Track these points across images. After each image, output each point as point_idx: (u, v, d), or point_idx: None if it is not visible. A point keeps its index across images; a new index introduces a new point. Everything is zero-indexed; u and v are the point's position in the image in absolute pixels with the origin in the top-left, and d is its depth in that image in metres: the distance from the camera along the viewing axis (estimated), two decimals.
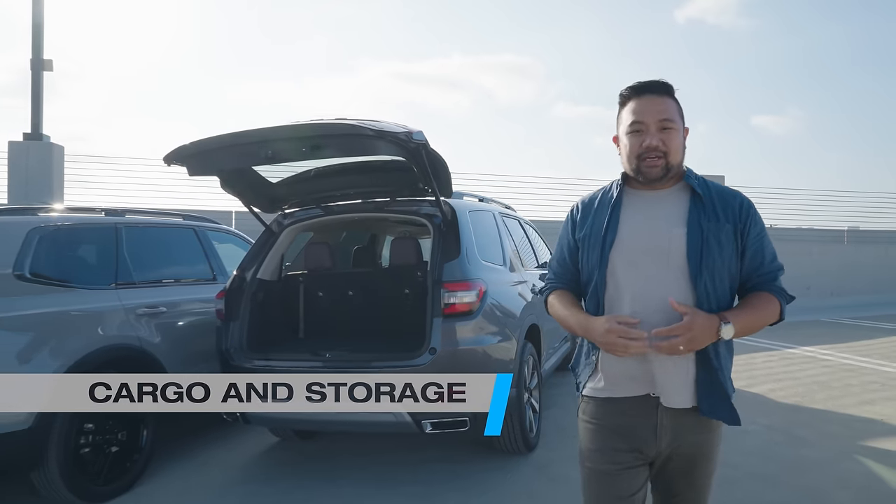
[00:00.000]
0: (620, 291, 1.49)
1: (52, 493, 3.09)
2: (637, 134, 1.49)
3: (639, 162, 1.50)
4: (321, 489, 3.33)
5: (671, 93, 1.53)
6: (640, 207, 1.54)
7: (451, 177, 3.32)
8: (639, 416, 1.51)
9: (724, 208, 1.50)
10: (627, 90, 1.53)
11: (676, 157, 1.51)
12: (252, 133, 2.88)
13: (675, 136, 1.50)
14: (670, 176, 1.52)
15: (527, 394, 3.79)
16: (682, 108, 1.54)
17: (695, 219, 1.48)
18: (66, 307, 3.27)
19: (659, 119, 1.48)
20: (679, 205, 1.52)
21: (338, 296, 4.04)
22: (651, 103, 1.49)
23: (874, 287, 13.01)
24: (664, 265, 1.47)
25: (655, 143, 1.47)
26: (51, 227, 3.42)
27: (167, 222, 4.42)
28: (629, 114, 1.51)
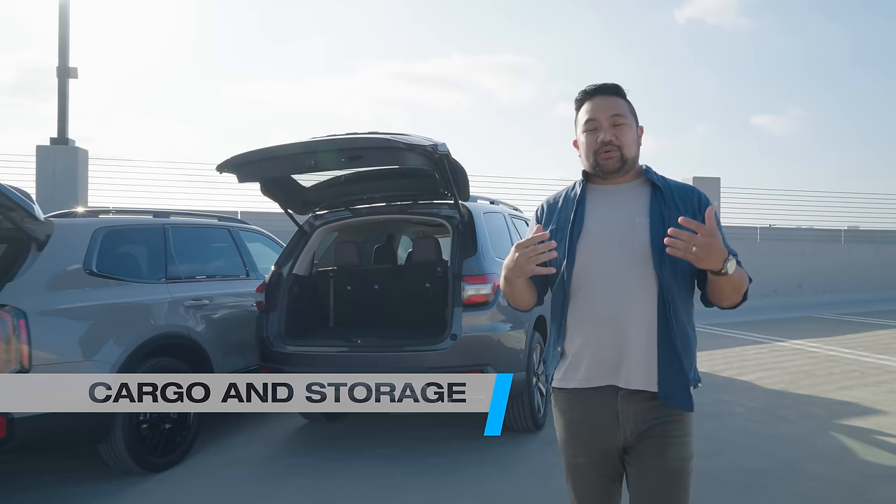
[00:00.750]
0: (586, 280, 1.54)
1: (117, 463, 3.49)
2: (592, 132, 1.58)
3: (595, 157, 1.57)
4: (352, 461, 3.73)
5: (621, 93, 1.61)
6: (603, 200, 1.60)
7: (469, 183, 3.73)
8: (600, 405, 1.54)
9: (683, 201, 1.57)
10: (581, 94, 1.63)
11: (630, 151, 1.58)
12: (298, 145, 3.29)
13: (628, 131, 1.57)
14: (626, 169, 1.59)
15: (535, 378, 4.19)
16: (633, 108, 1.63)
17: (656, 209, 1.54)
18: (127, 299, 3.68)
19: (610, 115, 1.56)
20: (640, 196, 1.58)
21: (364, 289, 4.46)
22: (603, 102, 1.58)
23: (864, 285, 13.42)
24: (628, 253, 1.52)
25: (609, 138, 1.55)
26: (111, 227, 3.83)
27: (205, 223, 4.83)
28: (584, 114, 1.60)
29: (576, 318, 1.55)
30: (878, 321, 9.79)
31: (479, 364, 3.54)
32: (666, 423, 1.51)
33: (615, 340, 1.50)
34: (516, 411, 4.00)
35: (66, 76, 8.97)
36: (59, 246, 3.43)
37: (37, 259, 3.31)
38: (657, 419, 1.51)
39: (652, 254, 1.49)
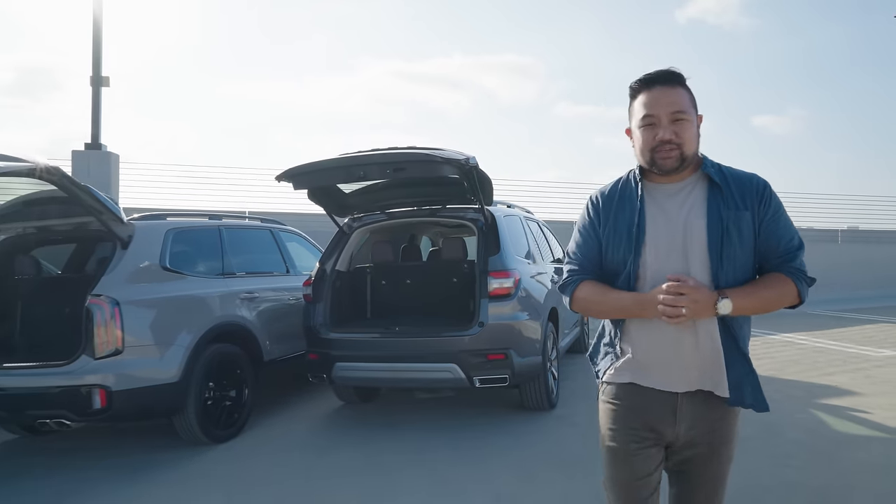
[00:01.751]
0: (647, 282, 1.51)
1: (188, 433, 4.02)
2: (650, 127, 1.48)
3: (653, 155, 1.49)
4: (390, 434, 4.25)
5: (682, 82, 1.51)
6: (659, 200, 1.54)
7: (493, 190, 4.27)
8: (659, 400, 1.53)
9: (742, 195, 1.50)
10: (637, 83, 1.52)
11: (691, 148, 1.49)
12: (349, 158, 3.83)
13: (689, 127, 1.48)
14: (685, 166, 1.51)
15: (549, 363, 4.72)
16: (694, 97, 1.52)
17: (714, 209, 1.48)
18: (193, 292, 4.20)
19: (671, 111, 1.46)
20: (698, 195, 1.51)
21: (397, 283, 5.00)
22: (662, 95, 1.47)
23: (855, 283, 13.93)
24: (686, 258, 1.48)
25: (668, 137, 1.46)
26: (179, 229, 4.36)
27: (251, 224, 5.37)
28: (640, 107, 1.50)
29: (638, 321, 1.53)
30: (867, 317, 10.33)
31: (502, 348, 4.07)
32: (719, 426, 1.52)
33: (677, 344, 1.48)
34: (533, 392, 4.52)
35: (100, 85, 9.47)
36: (139, 245, 3.96)
37: (123, 256, 3.84)
38: (712, 421, 1.52)
39: (710, 257, 1.47)
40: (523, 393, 4.53)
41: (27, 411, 3.57)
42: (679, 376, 1.51)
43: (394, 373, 4.18)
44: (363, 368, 4.25)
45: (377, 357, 4.21)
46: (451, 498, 3.10)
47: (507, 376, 4.05)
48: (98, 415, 3.53)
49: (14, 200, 4.15)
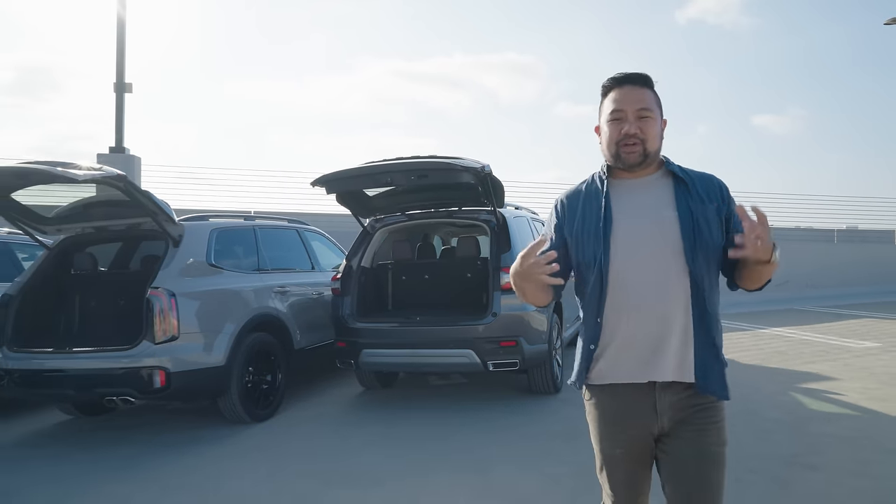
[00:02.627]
0: (621, 277, 1.54)
1: (231, 413, 4.47)
2: (616, 122, 1.56)
3: (617, 148, 1.56)
4: (412, 414, 4.71)
5: (650, 84, 1.59)
6: (628, 195, 1.59)
7: (504, 194, 4.73)
8: (637, 398, 1.56)
9: (705, 190, 1.57)
10: (609, 81, 1.60)
11: (654, 145, 1.56)
12: (378, 166, 4.29)
13: (653, 125, 1.56)
14: (648, 162, 1.58)
15: (554, 351, 5.18)
16: (660, 100, 1.60)
17: (683, 201, 1.55)
18: (235, 285, 4.67)
19: (637, 108, 1.54)
20: (665, 189, 1.58)
21: (416, 278, 5.47)
22: (630, 93, 1.56)
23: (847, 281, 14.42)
24: (660, 247, 1.52)
25: (633, 131, 1.53)
26: (221, 228, 4.82)
27: (279, 224, 5.83)
28: (610, 103, 1.58)
29: (612, 315, 1.55)
30: (854, 312, 10.82)
31: (513, 336, 4.53)
32: (703, 410, 1.54)
33: (652, 335, 1.52)
34: (539, 377, 4.99)
35: (123, 91, 9.92)
36: (188, 243, 4.42)
37: (175, 254, 4.30)
38: (694, 407, 1.53)
39: (684, 246, 1.51)
40: (531, 378, 4.99)
41: (96, 389, 4.03)
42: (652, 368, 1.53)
43: (415, 358, 4.65)
44: (387, 354, 4.71)
45: (400, 344, 4.68)
46: (478, 463, 3.55)
47: (517, 361, 4.52)
48: (158, 393, 4.00)
49: (75, 203, 4.62)
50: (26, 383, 4.18)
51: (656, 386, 1.54)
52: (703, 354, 1.51)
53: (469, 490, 3.17)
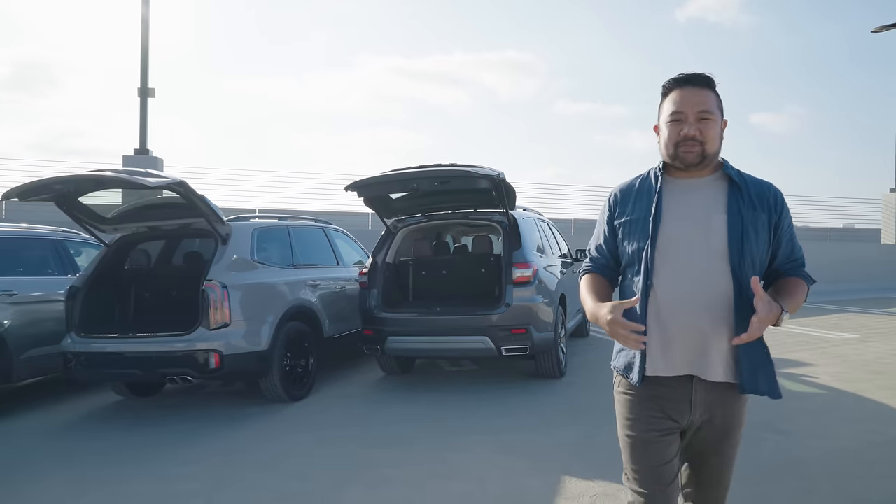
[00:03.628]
0: (665, 276, 1.55)
1: (272, 392, 5.01)
2: (676, 123, 1.56)
3: (676, 149, 1.56)
4: (431, 395, 5.27)
5: (712, 86, 1.59)
6: (681, 194, 1.60)
7: (516, 197, 5.29)
8: (675, 388, 1.59)
9: (759, 198, 1.57)
10: (670, 82, 1.61)
11: (713, 146, 1.56)
12: (406, 173, 4.85)
13: (713, 127, 1.56)
14: (706, 163, 1.58)
15: (559, 339, 5.74)
16: (721, 101, 1.61)
17: (734, 206, 1.55)
18: (275, 279, 5.21)
19: (698, 110, 1.54)
20: (718, 192, 1.58)
21: (435, 273, 6.03)
22: (691, 94, 1.56)
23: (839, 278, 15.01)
24: (705, 249, 1.53)
25: (693, 133, 1.54)
26: (262, 227, 5.37)
27: (308, 224, 6.37)
28: (670, 104, 1.58)
29: (655, 312, 1.57)
30: (840, 307, 11.41)
31: (524, 324, 5.09)
32: (732, 411, 1.59)
33: (694, 334, 1.54)
34: (546, 362, 5.54)
35: (146, 95, 10.45)
36: (235, 241, 4.96)
37: (224, 251, 4.84)
38: (725, 406, 1.59)
39: (730, 250, 1.52)
40: (538, 363, 5.55)
41: (159, 369, 4.57)
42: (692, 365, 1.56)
43: (436, 344, 5.21)
44: (411, 341, 5.27)
45: (422, 332, 5.23)
46: (494, 430, 4.10)
47: (527, 347, 5.08)
48: (213, 373, 4.55)
49: (131, 204, 5.16)
50: (93, 364, 4.72)
51: (694, 380, 1.57)
52: (751, 355, 1.54)
53: (488, 449, 3.73)
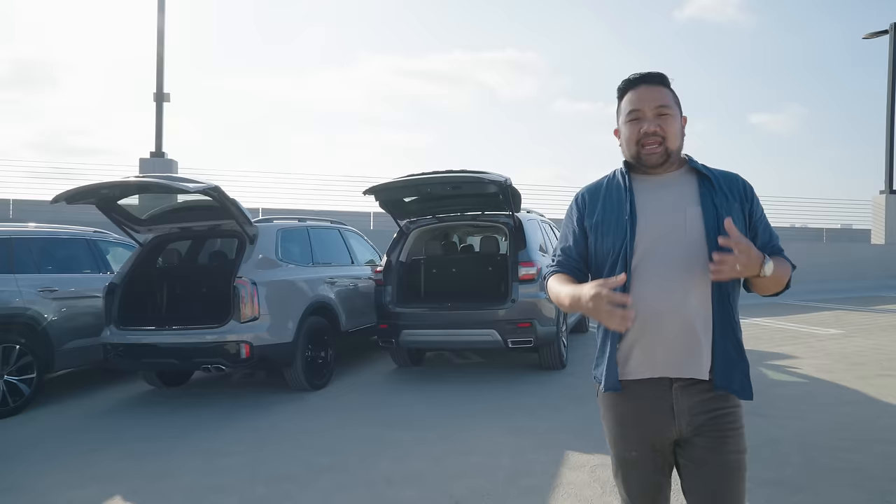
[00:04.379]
0: (643, 273, 1.51)
1: (295, 381, 5.41)
2: (635, 122, 1.55)
3: (638, 148, 1.54)
4: (440, 385, 5.67)
5: (666, 83, 1.58)
6: (650, 191, 1.57)
7: (521, 200, 5.69)
8: (654, 398, 1.52)
9: (729, 188, 1.56)
10: (624, 82, 1.60)
11: (675, 143, 1.55)
12: (421, 179, 5.25)
13: (672, 122, 1.54)
14: (670, 161, 1.56)
15: (561, 333, 6.15)
16: (677, 98, 1.59)
17: (707, 198, 1.53)
18: (298, 276, 5.61)
19: (655, 106, 1.53)
20: (689, 186, 1.56)
21: (445, 271, 6.43)
22: (647, 92, 1.55)
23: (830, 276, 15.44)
24: (683, 244, 1.50)
25: (653, 129, 1.52)
26: (285, 228, 5.77)
27: (325, 224, 6.77)
28: (627, 103, 1.57)
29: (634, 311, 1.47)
30: (830, 305, 11.85)
31: (528, 318, 5.49)
32: (722, 416, 1.50)
33: (672, 331, 1.49)
34: (549, 354, 5.95)
35: (162, 100, 10.84)
36: (262, 241, 5.36)
37: (252, 250, 5.24)
38: (713, 412, 1.50)
39: (707, 243, 1.49)
40: (541, 355, 5.96)
41: (195, 359, 4.97)
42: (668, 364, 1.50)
43: (447, 336, 5.62)
44: (423, 334, 5.68)
45: (434, 325, 5.64)
46: (503, 415, 4.50)
47: (531, 339, 5.49)
48: (243, 363, 4.95)
49: (164, 207, 5.56)
50: (131, 355, 5.11)
51: (673, 386, 1.51)
52: (723, 351, 1.49)
53: (498, 430, 4.13)
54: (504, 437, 4.03)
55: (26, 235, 5.54)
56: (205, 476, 3.45)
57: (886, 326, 8.94)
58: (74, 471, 3.57)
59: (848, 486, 3.10)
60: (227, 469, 3.55)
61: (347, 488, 3.23)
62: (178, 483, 3.36)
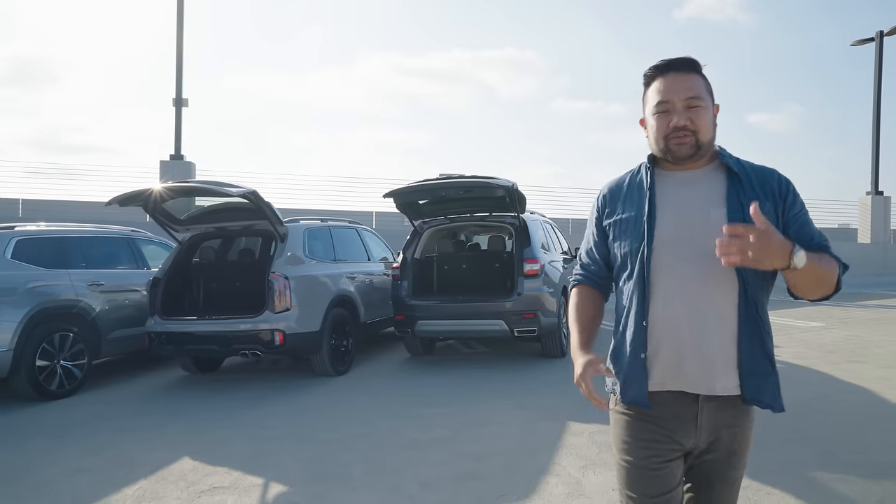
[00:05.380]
0: (665, 278, 1.42)
1: (321, 367, 5.97)
2: (664, 114, 1.43)
3: (667, 142, 1.43)
4: (451, 371, 6.24)
5: (698, 69, 1.46)
6: (675, 188, 1.47)
7: (526, 203, 6.26)
8: (678, 406, 1.44)
9: (762, 186, 1.43)
10: (651, 69, 1.47)
11: (706, 135, 1.43)
12: (436, 184, 5.81)
13: (704, 114, 1.42)
14: (701, 154, 1.45)
15: (562, 324, 6.71)
16: (710, 85, 1.47)
17: (734, 197, 1.41)
18: (323, 272, 6.17)
19: (686, 97, 1.41)
20: (716, 184, 1.44)
21: (455, 267, 7.00)
22: (676, 81, 1.42)
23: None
24: (705, 248, 1.36)
25: (683, 122, 1.41)
26: (311, 227, 6.33)
27: (344, 224, 7.33)
28: (654, 94, 1.45)
29: (654, 321, 1.43)
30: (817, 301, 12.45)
31: (533, 310, 6.06)
32: (737, 430, 1.46)
33: (697, 343, 1.40)
34: (551, 343, 6.52)
35: (181, 105, 11.38)
36: (292, 240, 5.91)
37: (283, 248, 5.79)
38: (732, 427, 1.45)
39: None
40: (544, 344, 6.53)
41: (233, 345, 5.52)
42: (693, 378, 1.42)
43: (458, 326, 6.19)
44: (437, 324, 6.25)
45: (447, 316, 6.20)
46: (513, 395, 5.07)
47: (535, 328, 6.06)
48: (277, 349, 5.50)
49: (201, 209, 6.11)
50: (175, 342, 5.66)
51: (700, 398, 1.43)
52: (751, 363, 1.40)
53: (508, 406, 4.70)
54: (513, 411, 4.60)
55: (75, 235, 6.08)
56: (257, 442, 4.00)
57: (864, 320, 9.56)
58: (145, 440, 4.12)
59: (798, 446, 3.66)
60: (274, 438, 4.11)
61: (383, 449, 3.79)
62: (236, 447, 3.92)
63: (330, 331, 6.00)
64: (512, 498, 3.02)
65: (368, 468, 3.47)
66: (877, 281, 16.26)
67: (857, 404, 4.65)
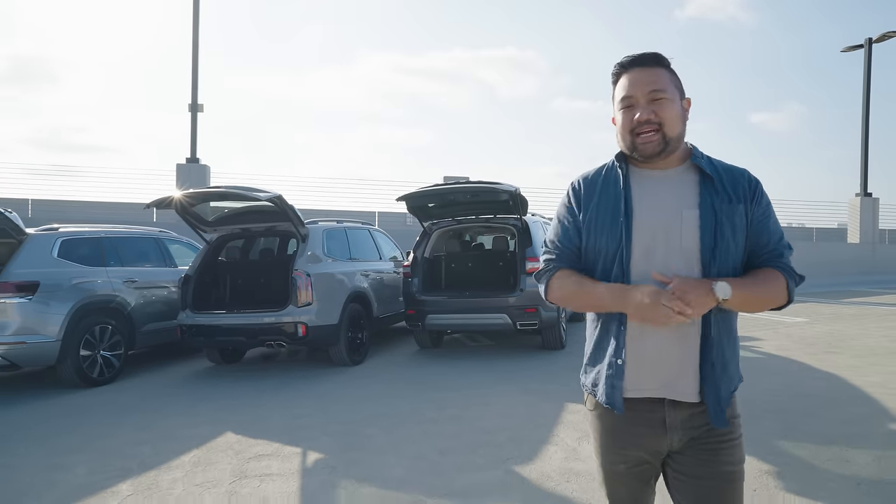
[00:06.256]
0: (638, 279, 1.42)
1: (339, 358, 6.46)
2: (629, 109, 1.43)
3: (633, 137, 1.43)
4: (459, 361, 6.73)
5: (663, 63, 1.45)
6: (648, 188, 1.46)
7: (528, 205, 6.76)
8: (646, 412, 1.46)
9: (734, 188, 1.43)
10: (617, 66, 1.48)
11: (673, 129, 1.42)
12: (445, 188, 6.31)
13: (669, 107, 1.41)
14: (670, 150, 1.44)
15: (561, 318, 7.22)
16: (678, 79, 1.47)
17: (707, 200, 1.41)
18: (341, 269, 6.67)
19: (649, 90, 1.41)
20: (689, 185, 1.44)
21: (462, 265, 7.51)
22: (640, 75, 1.43)
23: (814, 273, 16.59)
24: (675, 249, 1.40)
25: (647, 116, 1.40)
26: (329, 229, 6.82)
27: (357, 225, 7.83)
28: (620, 90, 1.46)
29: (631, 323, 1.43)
30: (802, 298, 12.96)
31: (534, 305, 6.56)
32: (714, 429, 1.44)
33: (666, 347, 1.41)
34: (551, 336, 7.02)
35: (196, 111, 11.87)
36: (312, 240, 6.41)
37: (305, 247, 6.29)
38: (705, 426, 1.44)
39: (702, 249, 1.39)
40: (544, 337, 7.02)
41: (260, 337, 6.01)
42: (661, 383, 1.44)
43: (465, 320, 6.70)
44: (446, 318, 6.75)
45: (455, 310, 6.71)
46: (517, 382, 5.56)
47: (537, 322, 6.56)
48: (300, 340, 5.99)
49: (227, 211, 6.60)
50: (204, 334, 6.15)
51: (665, 401, 1.45)
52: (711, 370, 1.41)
53: (512, 391, 5.19)
54: (518, 395, 5.09)
55: (111, 235, 6.58)
56: (289, 420, 4.49)
57: (847, 316, 10.08)
58: (186, 419, 4.61)
59: (770, 420, 4.17)
60: (303, 416, 4.60)
61: (403, 425, 4.28)
62: (271, 423, 4.41)
63: (347, 324, 6.49)
64: (518, 461, 3.52)
65: (391, 440, 3.96)
66: (865, 279, 16.81)
67: (825, 388, 5.15)
